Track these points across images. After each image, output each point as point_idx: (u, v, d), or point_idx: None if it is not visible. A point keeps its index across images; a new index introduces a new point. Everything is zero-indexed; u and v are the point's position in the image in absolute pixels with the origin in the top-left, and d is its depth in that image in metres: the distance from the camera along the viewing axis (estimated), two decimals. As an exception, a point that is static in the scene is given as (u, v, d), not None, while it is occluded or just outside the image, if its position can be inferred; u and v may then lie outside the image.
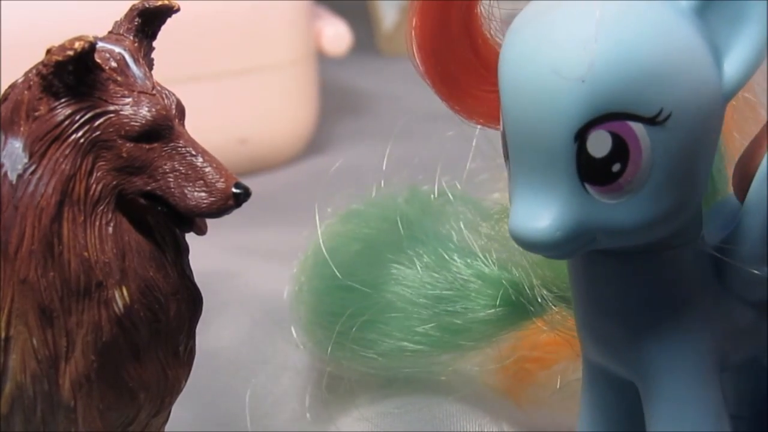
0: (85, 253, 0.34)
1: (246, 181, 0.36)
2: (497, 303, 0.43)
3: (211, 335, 0.54)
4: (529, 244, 0.32)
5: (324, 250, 0.46)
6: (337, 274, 0.45)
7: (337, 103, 0.87)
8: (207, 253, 0.45)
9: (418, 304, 0.44)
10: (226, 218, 0.36)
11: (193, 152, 0.35)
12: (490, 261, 0.44)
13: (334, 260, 0.46)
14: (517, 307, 0.43)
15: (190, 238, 0.37)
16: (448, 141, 0.46)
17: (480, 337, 0.44)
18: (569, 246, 0.32)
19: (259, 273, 0.59)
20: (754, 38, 0.32)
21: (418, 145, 0.49)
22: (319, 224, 0.48)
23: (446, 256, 0.44)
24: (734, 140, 0.39)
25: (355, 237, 0.47)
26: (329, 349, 0.46)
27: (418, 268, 0.44)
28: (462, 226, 0.45)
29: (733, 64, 0.32)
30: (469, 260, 0.44)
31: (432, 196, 0.47)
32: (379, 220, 0.47)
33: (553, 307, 0.42)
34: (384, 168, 0.47)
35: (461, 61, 0.37)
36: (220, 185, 0.35)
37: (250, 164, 0.74)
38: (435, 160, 0.47)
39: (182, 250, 0.37)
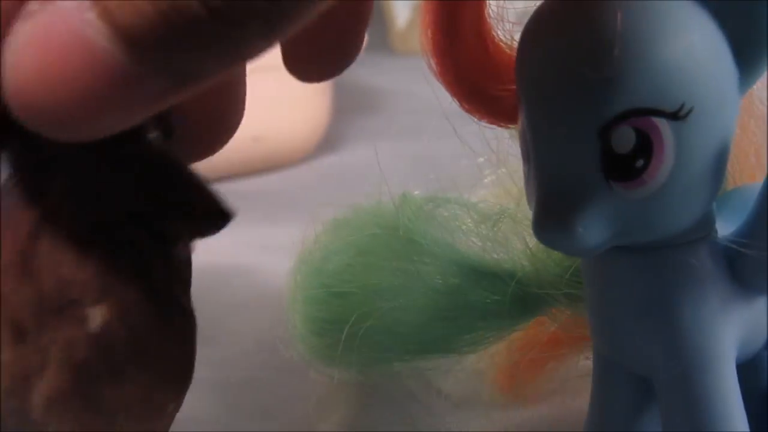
0: (63, 270, 0.32)
1: (259, 179, 0.35)
2: (506, 304, 0.43)
3: (224, 330, 0.54)
4: (556, 244, 0.32)
5: (320, 255, 0.46)
6: (333, 281, 0.45)
7: (350, 102, 0.87)
8: (219, 250, 0.45)
9: (419, 309, 0.44)
10: (238, 215, 0.36)
11: None
12: (491, 263, 0.44)
13: (326, 268, 0.46)
14: (522, 308, 0.43)
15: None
16: (444, 141, 0.46)
17: (483, 339, 0.44)
18: (595, 243, 0.32)
19: (271, 270, 0.59)
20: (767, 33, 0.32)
21: (431, 143, 0.49)
22: (315, 231, 0.47)
23: (446, 260, 0.44)
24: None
25: (346, 245, 0.46)
26: (330, 357, 0.45)
27: (418, 272, 0.44)
28: (461, 228, 0.45)
29: (748, 59, 0.32)
30: (469, 262, 0.44)
31: (427, 201, 0.47)
32: (371, 227, 0.46)
33: (561, 306, 0.42)
34: (390, 167, 0.47)
35: (474, 61, 0.37)
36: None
37: (264, 162, 0.74)
38: (443, 159, 0.47)
39: (171, 269, 0.35)
